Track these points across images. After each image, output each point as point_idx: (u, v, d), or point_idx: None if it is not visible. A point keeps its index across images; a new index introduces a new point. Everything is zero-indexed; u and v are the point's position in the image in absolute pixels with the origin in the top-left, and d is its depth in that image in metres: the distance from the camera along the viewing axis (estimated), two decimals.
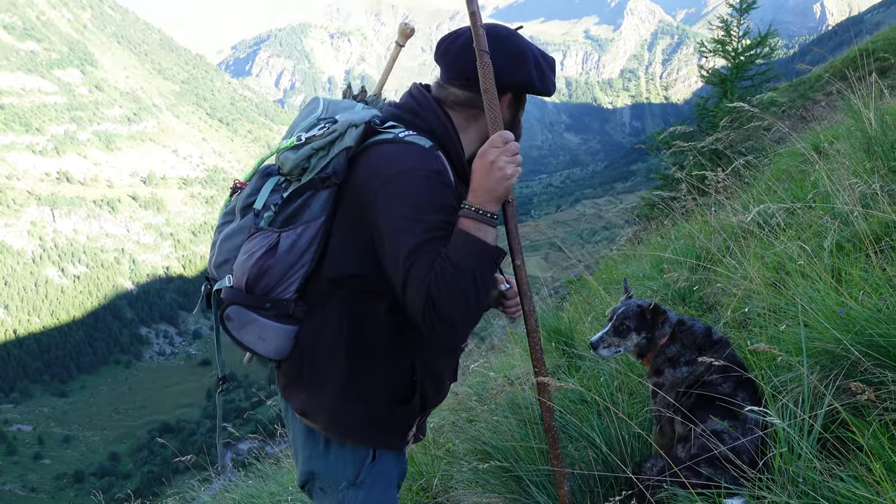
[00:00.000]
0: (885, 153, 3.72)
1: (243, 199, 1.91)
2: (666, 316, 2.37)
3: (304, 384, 1.92)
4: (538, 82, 1.88)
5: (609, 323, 2.44)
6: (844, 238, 3.12)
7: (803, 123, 9.59)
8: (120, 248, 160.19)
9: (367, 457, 1.94)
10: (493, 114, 1.77)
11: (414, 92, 1.93)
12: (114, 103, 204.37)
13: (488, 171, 1.70)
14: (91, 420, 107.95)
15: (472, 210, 1.69)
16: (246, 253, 1.81)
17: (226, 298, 1.85)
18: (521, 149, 1.89)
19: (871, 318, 2.19)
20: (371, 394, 1.89)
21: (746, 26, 15.27)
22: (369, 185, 1.74)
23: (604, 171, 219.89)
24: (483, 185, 1.71)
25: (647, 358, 2.42)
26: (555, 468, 1.96)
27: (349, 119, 1.81)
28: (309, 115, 1.93)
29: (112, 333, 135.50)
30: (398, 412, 1.92)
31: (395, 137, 1.79)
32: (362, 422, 1.90)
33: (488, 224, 1.69)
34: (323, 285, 1.83)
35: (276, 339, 1.86)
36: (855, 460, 1.80)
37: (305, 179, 1.81)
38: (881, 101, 4.34)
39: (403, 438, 2.00)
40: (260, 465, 5.50)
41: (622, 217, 15.69)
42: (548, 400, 1.91)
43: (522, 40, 1.91)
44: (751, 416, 1.99)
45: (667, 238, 5.14)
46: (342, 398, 1.87)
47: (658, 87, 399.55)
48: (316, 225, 1.79)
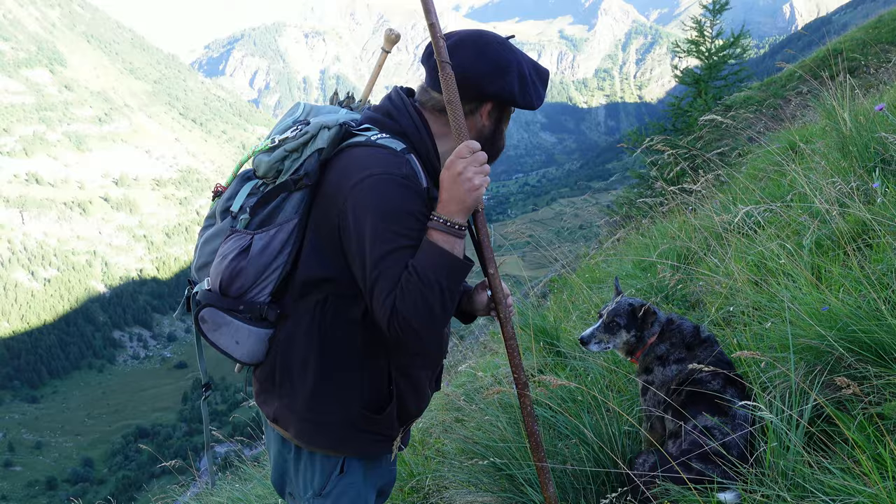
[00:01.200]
0: (859, 153, 3.80)
1: (222, 203, 1.91)
2: (656, 316, 2.41)
3: (276, 391, 1.91)
4: (518, 96, 1.84)
5: (600, 320, 2.48)
6: (823, 236, 3.19)
7: (776, 122, 9.77)
8: (92, 250, 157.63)
9: (336, 468, 1.93)
10: (458, 124, 1.75)
11: (392, 95, 1.91)
12: (84, 103, 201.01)
13: (455, 182, 1.69)
14: (63, 426, 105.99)
15: (440, 222, 1.68)
16: (220, 255, 1.81)
17: (201, 300, 1.85)
18: None
19: (853, 314, 2.26)
20: (344, 401, 1.87)
21: (719, 27, 15.50)
22: (340, 189, 1.74)
23: (580, 170, 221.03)
24: (451, 197, 1.70)
25: (637, 356, 2.46)
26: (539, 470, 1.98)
27: (321, 121, 1.81)
28: (287, 118, 1.94)
29: (84, 337, 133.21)
30: (373, 420, 1.89)
31: (367, 140, 1.79)
32: (334, 430, 1.88)
33: (456, 236, 1.69)
34: (297, 288, 1.82)
35: (251, 342, 1.85)
36: (841, 453, 1.85)
37: (280, 181, 1.82)
38: (854, 102, 4.43)
39: (382, 446, 1.96)
40: (244, 468, 5.47)
41: (599, 216, 15.79)
42: (528, 404, 1.92)
43: (509, 51, 1.86)
44: (740, 411, 2.04)
45: (648, 236, 5.20)
46: (313, 406, 1.86)
47: (632, 87, 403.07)
48: (289, 227, 1.79)
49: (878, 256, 2.65)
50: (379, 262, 1.65)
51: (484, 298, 2.05)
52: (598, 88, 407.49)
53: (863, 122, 4.04)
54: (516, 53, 1.87)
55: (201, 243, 1.94)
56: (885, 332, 2.12)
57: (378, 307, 1.66)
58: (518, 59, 1.86)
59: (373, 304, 1.68)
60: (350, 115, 1.93)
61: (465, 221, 1.71)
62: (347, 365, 1.84)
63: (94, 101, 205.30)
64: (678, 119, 15.20)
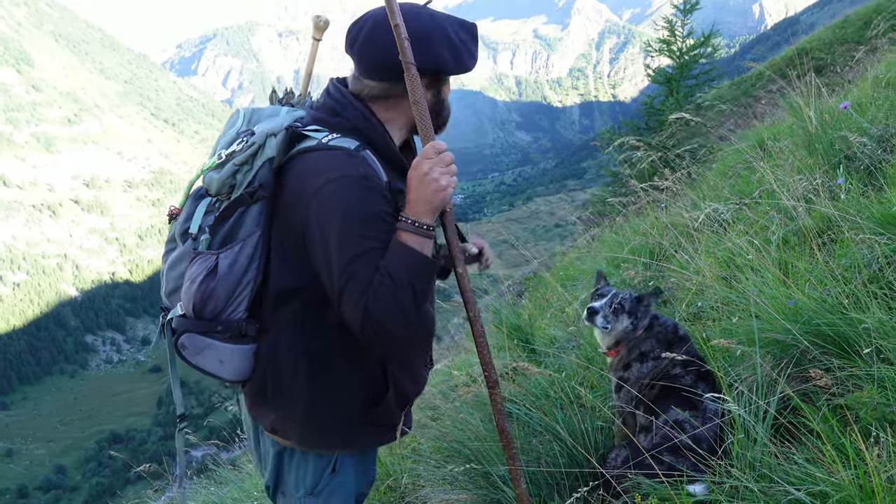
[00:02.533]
0: (825, 150, 3.89)
1: (180, 226, 1.88)
2: (649, 308, 2.45)
3: (271, 402, 1.89)
4: (451, 62, 1.77)
5: (602, 299, 2.48)
6: (790, 232, 3.26)
7: (746, 120, 9.92)
8: (62, 253, 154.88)
9: (328, 466, 1.92)
10: (424, 125, 1.73)
11: (331, 90, 1.86)
12: (53, 104, 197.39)
13: (423, 182, 1.67)
14: (35, 432, 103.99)
15: (409, 223, 1.67)
16: (188, 279, 1.77)
17: (177, 327, 1.82)
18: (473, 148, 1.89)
19: (818, 308, 2.31)
20: (342, 402, 1.86)
21: (690, 27, 15.69)
22: (299, 197, 1.70)
23: (555, 169, 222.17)
24: (419, 198, 1.68)
25: (619, 349, 2.47)
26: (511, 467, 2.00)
27: (266, 129, 1.77)
28: (229, 129, 1.90)
29: (56, 342, 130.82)
30: (374, 413, 1.89)
31: (319, 144, 1.74)
32: (337, 430, 1.88)
33: (425, 236, 1.68)
34: (272, 300, 1.80)
35: (236, 360, 1.82)
36: (807, 443, 1.90)
37: (234, 196, 1.78)
38: (820, 100, 4.53)
39: (385, 436, 1.98)
40: (220, 471, 5.43)
41: (575, 214, 15.89)
42: (498, 402, 1.92)
43: (430, 19, 1.77)
44: (711, 405, 2.07)
45: (621, 234, 5.26)
46: (313, 412, 1.85)
47: (606, 86, 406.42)
48: (253, 241, 1.75)
49: (842, 251, 2.71)
50: (347, 266, 1.63)
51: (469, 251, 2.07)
52: (573, 87, 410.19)
53: (828, 120, 4.13)
54: (437, 19, 1.79)
55: (166, 268, 1.91)
56: (848, 325, 2.17)
57: (349, 311, 1.63)
58: (440, 24, 1.78)
59: (343, 308, 1.65)
60: (293, 113, 1.88)
61: (433, 222, 1.70)
62: (338, 367, 1.83)
63: (63, 102, 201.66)
64: (651, 118, 15.38)
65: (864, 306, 2.21)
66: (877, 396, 1.89)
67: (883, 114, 3.99)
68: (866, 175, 3.47)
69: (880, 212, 2.74)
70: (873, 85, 4.97)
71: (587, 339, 3.49)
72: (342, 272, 1.63)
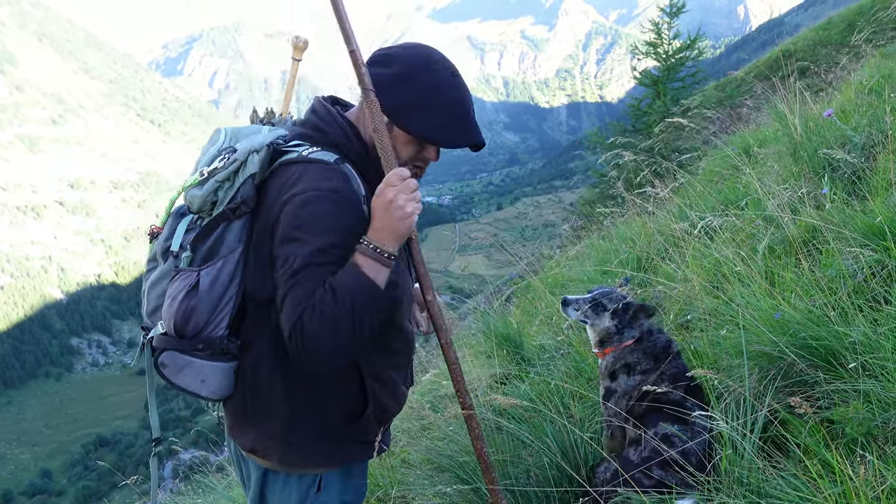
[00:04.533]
0: (809, 158, 3.92)
1: (161, 244, 1.87)
2: (641, 321, 2.44)
3: (250, 420, 1.89)
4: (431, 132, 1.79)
5: (588, 293, 2.48)
6: (776, 241, 3.28)
7: (731, 124, 9.98)
8: (47, 255, 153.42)
9: (313, 485, 1.91)
10: (385, 152, 1.71)
11: (316, 107, 1.88)
12: (37, 104, 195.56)
13: (388, 209, 1.66)
14: (20, 437, 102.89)
15: (369, 247, 1.66)
16: (169, 297, 1.77)
17: (157, 346, 1.81)
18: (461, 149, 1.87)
19: (804, 320, 2.32)
20: (319, 416, 1.85)
21: (676, 29, 15.77)
22: (276, 202, 1.72)
23: (543, 170, 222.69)
24: (385, 225, 1.67)
25: (606, 351, 2.47)
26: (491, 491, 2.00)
27: (248, 146, 1.78)
28: (210, 147, 1.90)
29: (41, 345, 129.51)
30: (353, 429, 1.88)
31: (300, 156, 1.76)
32: (317, 447, 1.87)
33: (383, 264, 1.66)
34: (253, 314, 1.80)
35: (217, 378, 1.82)
36: (794, 458, 1.91)
37: (216, 213, 1.78)
38: (804, 106, 4.56)
39: (365, 452, 1.96)
40: (205, 479, 5.39)
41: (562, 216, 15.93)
42: (475, 427, 1.91)
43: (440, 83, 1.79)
44: (698, 420, 2.08)
45: (608, 241, 5.28)
46: (291, 427, 1.85)
47: (593, 87, 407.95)
48: (234, 257, 1.76)
49: (828, 261, 2.73)
50: (296, 273, 1.63)
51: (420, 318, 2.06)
52: (560, 88, 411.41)
53: (812, 127, 4.17)
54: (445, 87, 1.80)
55: (148, 287, 1.89)
56: (834, 338, 2.19)
57: (285, 316, 1.62)
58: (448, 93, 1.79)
59: (282, 314, 1.64)
60: (274, 132, 1.89)
61: (395, 250, 1.68)
62: (315, 382, 1.82)
63: (47, 102, 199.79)
64: (638, 120, 15.45)
65: (849, 319, 2.23)
66: (862, 411, 1.91)
67: (866, 121, 4.03)
68: (851, 184, 3.49)
69: (864, 222, 2.76)
70: (857, 91, 5.01)
71: (576, 347, 3.50)
72: (291, 277, 1.63)
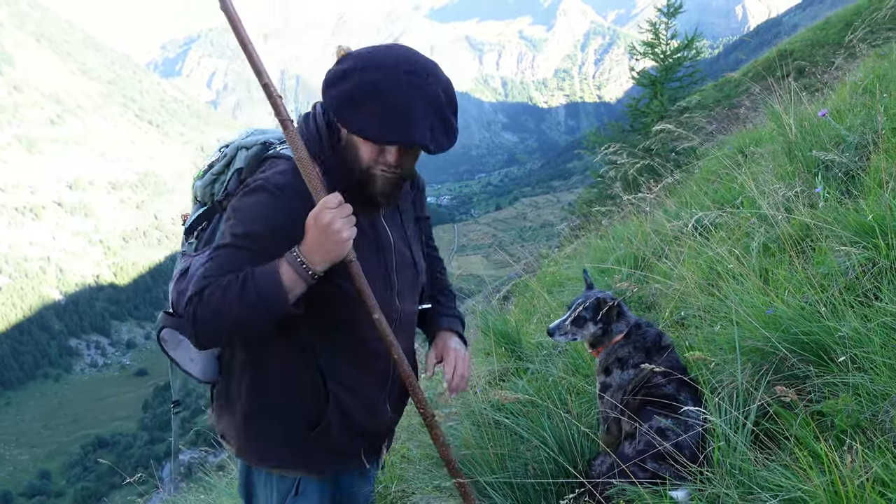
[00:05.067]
0: (804, 158, 3.97)
1: (185, 228, 1.99)
2: (622, 313, 2.48)
3: (224, 407, 1.96)
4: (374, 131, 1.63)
5: (568, 311, 2.53)
6: (770, 240, 3.33)
7: (729, 123, 10.04)
8: (45, 256, 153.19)
9: (291, 489, 1.93)
10: (310, 181, 1.66)
11: (310, 113, 1.91)
12: (35, 105, 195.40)
13: (325, 233, 1.62)
14: (18, 438, 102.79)
15: (296, 260, 1.64)
16: (172, 278, 1.89)
17: (161, 321, 1.90)
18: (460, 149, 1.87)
19: (796, 316, 2.37)
20: (280, 417, 1.87)
21: (674, 29, 15.83)
22: None
23: (541, 170, 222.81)
24: (319, 248, 1.63)
25: (599, 350, 2.52)
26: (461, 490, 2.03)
27: (239, 143, 1.87)
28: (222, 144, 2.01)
29: (39, 346, 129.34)
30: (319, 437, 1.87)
31: (275, 152, 1.83)
32: (276, 447, 1.89)
33: (304, 279, 1.64)
34: None
35: (202, 360, 1.92)
36: (785, 450, 1.96)
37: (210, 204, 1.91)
38: (800, 106, 4.61)
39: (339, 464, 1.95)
40: (208, 477, 5.43)
41: (560, 216, 15.97)
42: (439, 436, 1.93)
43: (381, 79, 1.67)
44: (692, 413, 2.13)
45: (605, 240, 5.33)
46: (252, 422, 1.89)
47: (591, 87, 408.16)
48: None
49: (820, 259, 2.78)
50: (217, 248, 1.70)
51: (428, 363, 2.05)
52: (559, 88, 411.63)
53: (807, 127, 4.22)
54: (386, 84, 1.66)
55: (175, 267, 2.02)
56: (825, 333, 2.24)
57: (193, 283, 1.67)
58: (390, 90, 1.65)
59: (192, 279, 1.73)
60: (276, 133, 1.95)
61: (321, 270, 1.66)
62: (277, 382, 1.85)
63: (45, 103, 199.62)
64: (636, 120, 15.52)
65: (840, 315, 2.27)
66: (851, 403, 1.96)
67: (860, 121, 4.08)
68: (844, 183, 3.54)
69: (856, 220, 2.81)
70: (851, 91, 5.06)
71: (573, 345, 3.54)
72: (213, 250, 1.71)
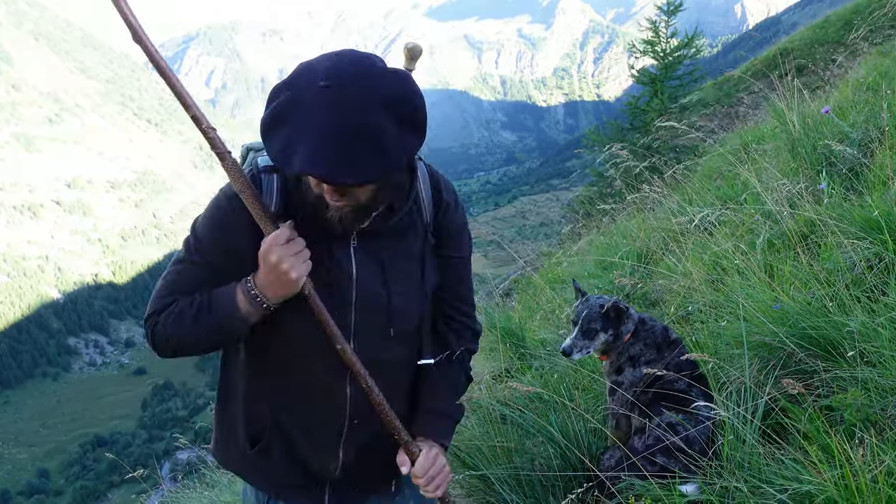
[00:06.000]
0: (807, 154, 3.98)
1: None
2: (628, 313, 2.48)
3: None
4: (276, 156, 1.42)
5: (576, 328, 2.52)
6: (775, 236, 3.34)
7: (730, 121, 10.05)
8: (44, 255, 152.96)
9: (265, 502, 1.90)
10: (254, 212, 1.59)
11: None
12: (33, 103, 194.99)
13: (273, 272, 1.56)
14: (17, 436, 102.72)
15: (250, 292, 1.60)
16: None
17: None
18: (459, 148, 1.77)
19: (803, 311, 2.38)
20: (233, 430, 1.86)
21: (674, 27, 15.84)
22: None
23: (540, 168, 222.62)
24: (269, 284, 1.58)
25: (610, 354, 2.52)
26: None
27: (248, 144, 1.83)
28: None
29: (38, 345, 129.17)
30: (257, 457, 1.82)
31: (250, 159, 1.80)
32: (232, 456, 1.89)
33: (256, 309, 1.61)
34: None
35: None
36: (794, 444, 1.96)
37: None
38: (802, 103, 4.62)
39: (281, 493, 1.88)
40: (210, 474, 5.44)
41: (560, 214, 15.97)
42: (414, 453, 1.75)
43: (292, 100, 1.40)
44: (701, 408, 2.13)
45: (608, 237, 5.33)
46: (216, 425, 1.93)
47: (590, 85, 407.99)
48: None
49: (826, 255, 2.79)
50: (171, 265, 1.71)
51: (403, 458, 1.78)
52: (557, 87, 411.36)
53: (810, 124, 4.22)
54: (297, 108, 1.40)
55: None
56: (832, 328, 2.24)
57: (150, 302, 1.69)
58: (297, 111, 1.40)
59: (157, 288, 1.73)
60: None
61: (275, 303, 1.62)
62: (232, 394, 1.84)
63: (43, 102, 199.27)
64: (635, 118, 15.52)
65: (847, 309, 2.28)
66: (860, 398, 1.96)
67: (863, 117, 4.08)
68: (848, 179, 3.55)
69: (861, 216, 2.82)
70: (854, 88, 5.07)
71: None
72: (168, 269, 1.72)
